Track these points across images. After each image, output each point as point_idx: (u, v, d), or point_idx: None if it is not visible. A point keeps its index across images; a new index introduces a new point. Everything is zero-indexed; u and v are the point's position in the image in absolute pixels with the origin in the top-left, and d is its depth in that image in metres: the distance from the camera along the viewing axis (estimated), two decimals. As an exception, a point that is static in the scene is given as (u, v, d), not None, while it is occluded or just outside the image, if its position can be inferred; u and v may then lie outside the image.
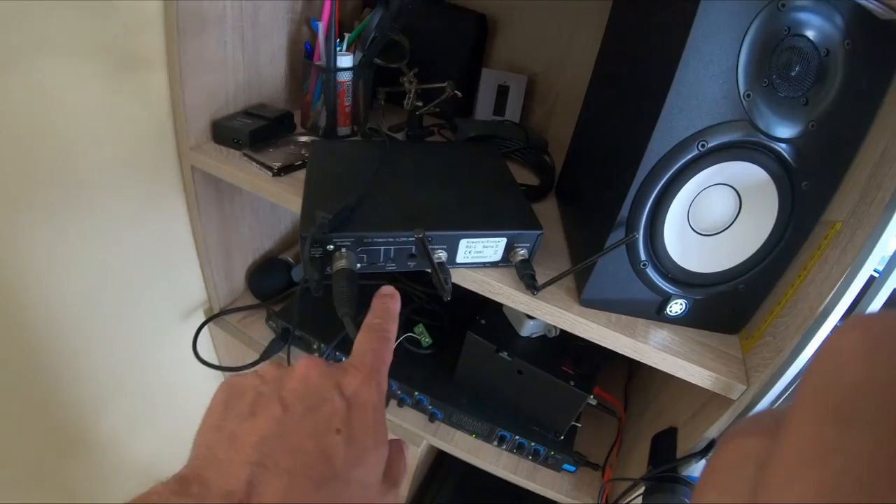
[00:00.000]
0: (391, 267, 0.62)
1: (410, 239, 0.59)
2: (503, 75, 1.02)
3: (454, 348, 0.90)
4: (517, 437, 0.87)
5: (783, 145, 0.52)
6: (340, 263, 0.57)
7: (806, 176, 0.53)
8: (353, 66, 0.84)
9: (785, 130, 0.51)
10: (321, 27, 0.80)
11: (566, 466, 0.87)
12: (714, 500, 0.17)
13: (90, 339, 0.80)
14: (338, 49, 0.82)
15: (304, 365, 0.34)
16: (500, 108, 1.03)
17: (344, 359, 0.90)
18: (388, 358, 0.38)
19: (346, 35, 0.84)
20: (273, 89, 0.91)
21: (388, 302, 0.43)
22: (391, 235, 0.59)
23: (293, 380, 0.33)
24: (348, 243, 0.58)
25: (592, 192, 0.69)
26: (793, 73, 0.49)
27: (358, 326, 0.43)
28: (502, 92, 1.02)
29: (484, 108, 1.03)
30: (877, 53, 0.49)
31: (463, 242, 0.61)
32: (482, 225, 0.61)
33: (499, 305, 0.88)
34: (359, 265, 0.60)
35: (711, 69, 0.48)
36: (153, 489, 0.27)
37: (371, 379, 0.35)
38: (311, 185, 0.65)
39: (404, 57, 0.91)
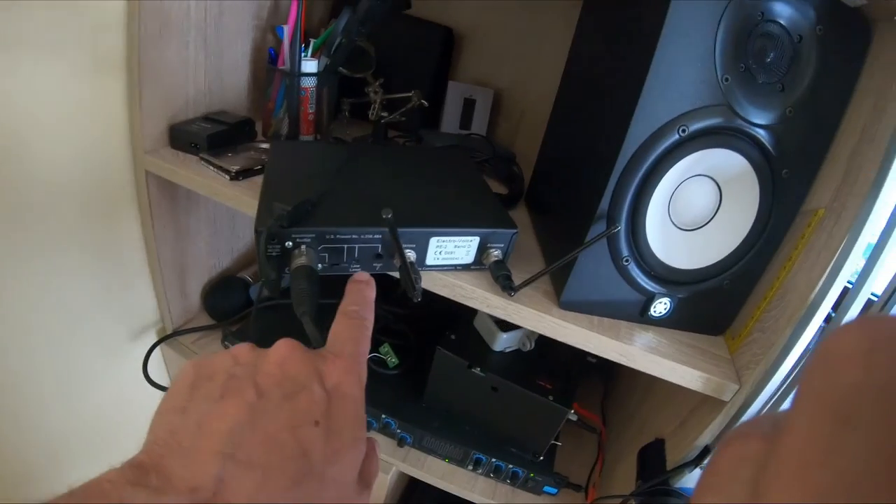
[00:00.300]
0: (355, 269, 0.57)
1: (377, 237, 0.55)
2: (470, 88, 1.01)
3: (422, 368, 0.86)
4: (493, 460, 0.82)
5: (762, 132, 0.51)
6: (299, 261, 0.51)
7: (786, 163, 0.53)
8: (318, 71, 0.81)
9: (763, 116, 0.51)
10: (286, 30, 0.77)
11: (547, 489, 0.82)
12: (712, 502, 0.17)
13: (29, 360, 0.73)
14: (303, 55, 0.79)
15: (282, 348, 0.31)
16: (466, 121, 1.02)
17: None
18: (367, 348, 0.35)
19: (312, 41, 0.81)
20: (235, 97, 0.88)
21: (363, 289, 0.40)
22: (356, 232, 0.54)
23: (270, 363, 0.30)
24: (309, 239, 0.53)
25: (568, 194, 0.66)
26: (768, 60, 0.49)
27: (318, 327, 0.40)
28: (469, 105, 1.01)
29: (450, 121, 1.01)
30: (848, 38, 0.50)
31: (433, 241, 0.57)
32: (454, 223, 0.58)
33: (469, 320, 0.84)
34: (320, 266, 0.54)
35: (689, 51, 0.48)
36: (105, 475, 0.23)
37: (353, 369, 0.32)
38: (269, 182, 0.60)
39: (370, 66, 0.89)
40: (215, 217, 0.94)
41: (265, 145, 0.81)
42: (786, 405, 0.55)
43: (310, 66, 0.80)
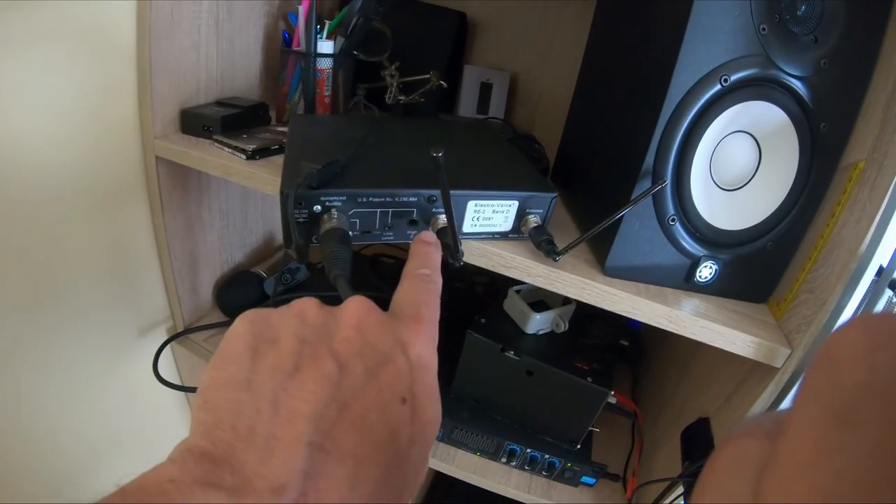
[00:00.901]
0: (388, 237, 0.54)
1: (412, 199, 0.52)
2: (486, 72, 0.99)
3: (449, 357, 0.82)
4: (529, 451, 0.78)
5: (798, 83, 0.51)
6: (330, 224, 0.48)
7: (823, 116, 0.52)
8: (334, 52, 0.79)
9: (799, 68, 0.50)
10: (301, 10, 0.75)
11: (585, 479, 0.78)
12: (713, 501, 0.17)
13: (32, 356, 0.69)
14: (318, 36, 0.77)
15: (357, 307, 0.26)
16: (483, 105, 0.99)
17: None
18: (438, 315, 0.31)
19: (328, 23, 0.79)
20: (247, 84, 0.86)
21: (431, 251, 0.36)
22: (391, 194, 0.51)
23: (346, 327, 0.25)
24: (339, 203, 0.49)
25: (604, 161, 0.64)
26: (799, 13, 0.49)
27: (354, 289, 0.35)
28: (485, 89, 0.99)
29: (467, 106, 0.99)
30: None
31: (471, 206, 0.54)
32: (492, 186, 0.55)
33: (499, 302, 0.81)
34: (351, 233, 0.50)
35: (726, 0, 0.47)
36: (163, 471, 0.19)
37: (433, 337, 0.28)
38: (293, 148, 0.57)
39: (386, 49, 0.87)
40: (228, 209, 0.91)
41: (281, 128, 0.78)
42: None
43: (326, 46, 0.78)
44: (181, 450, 0.20)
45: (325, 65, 0.78)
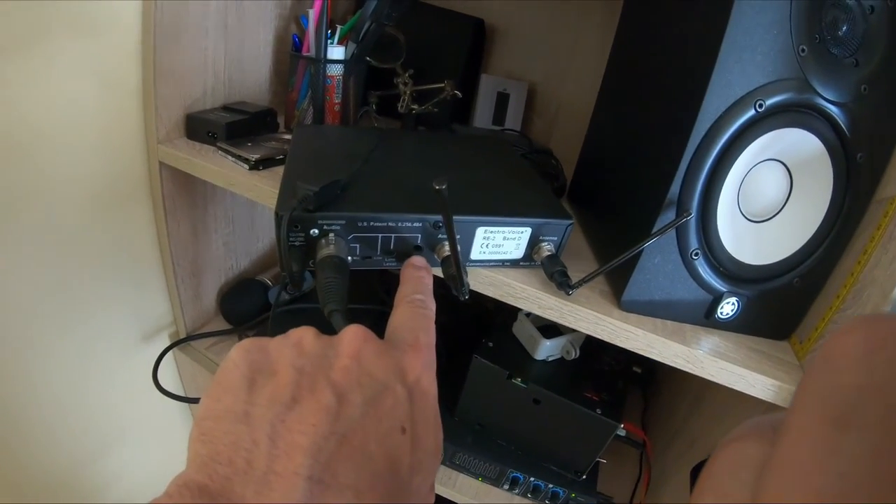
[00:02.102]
0: (390, 263, 0.51)
1: (416, 225, 0.49)
2: (503, 82, 0.96)
3: (454, 379, 0.79)
4: (532, 479, 0.75)
5: (836, 110, 0.47)
6: (327, 251, 0.45)
7: (860, 146, 0.48)
8: (345, 59, 0.76)
9: (838, 93, 0.46)
10: (312, 14, 0.73)
11: (589, 510, 0.75)
12: (712, 503, 0.17)
13: (33, 360, 0.67)
14: (329, 41, 0.74)
15: (354, 336, 0.26)
16: (499, 116, 0.96)
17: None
18: (434, 340, 0.31)
19: (339, 27, 0.76)
20: (256, 88, 0.83)
21: (423, 276, 0.37)
22: (394, 219, 0.48)
23: (343, 356, 0.25)
24: (338, 227, 0.46)
25: (626, 184, 0.61)
26: (840, 33, 0.45)
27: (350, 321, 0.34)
28: (502, 99, 0.96)
29: (483, 116, 0.96)
30: None
31: (480, 232, 0.51)
32: (503, 211, 0.52)
33: (508, 326, 0.78)
34: (350, 259, 0.48)
35: (766, 16, 0.43)
36: None
37: (432, 363, 0.28)
38: (292, 163, 0.54)
39: (400, 56, 0.84)
40: (234, 216, 0.89)
41: (288, 136, 0.76)
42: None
43: (336, 52, 0.75)
44: (178, 484, 0.20)
45: (335, 71, 0.76)
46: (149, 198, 0.74)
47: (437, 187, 0.37)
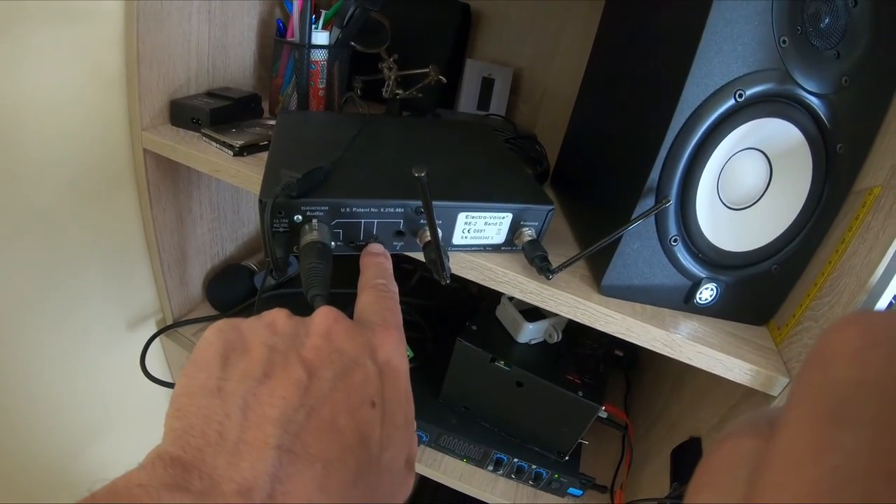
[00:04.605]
0: None
1: (399, 211, 0.49)
2: (488, 67, 0.96)
3: (439, 362, 0.81)
4: (515, 460, 0.76)
5: (817, 101, 0.47)
6: (310, 236, 0.45)
7: (841, 137, 0.49)
8: (330, 44, 0.76)
9: (819, 85, 0.47)
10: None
11: (572, 490, 0.77)
12: (708, 500, 0.17)
13: (19, 350, 0.67)
14: (313, 26, 0.74)
15: (325, 317, 0.27)
16: (484, 101, 0.96)
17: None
18: (402, 320, 0.32)
19: (324, 12, 0.76)
20: (240, 74, 0.83)
21: (382, 262, 0.38)
22: (376, 204, 0.48)
23: (315, 335, 0.26)
24: (321, 213, 0.47)
25: (607, 170, 0.61)
26: (822, 25, 0.45)
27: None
28: (487, 85, 0.96)
29: (468, 102, 0.96)
30: None
31: (462, 217, 0.52)
32: (484, 197, 0.52)
33: (491, 310, 0.79)
34: (333, 244, 0.48)
35: (747, 8, 0.44)
36: (133, 476, 0.19)
37: (401, 342, 0.29)
38: (276, 150, 0.54)
39: (384, 41, 0.84)
40: (219, 202, 0.89)
41: (272, 122, 0.75)
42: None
43: (321, 37, 0.75)
44: (152, 456, 0.20)
45: (319, 56, 0.75)
46: (133, 185, 0.74)
47: (417, 174, 0.38)
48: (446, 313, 0.91)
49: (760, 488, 0.14)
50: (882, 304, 0.47)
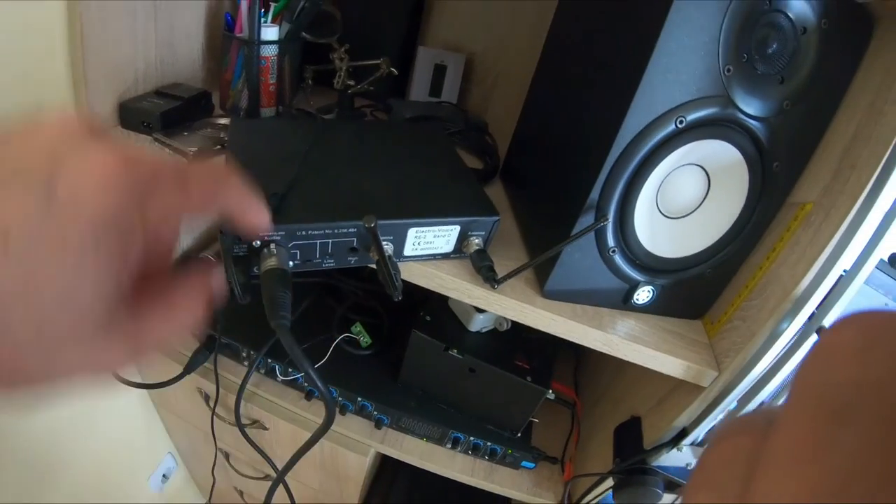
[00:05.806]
0: (329, 263, 0.54)
1: (351, 230, 0.52)
2: (440, 54, 0.96)
3: (396, 347, 0.84)
4: (472, 438, 0.82)
5: (757, 124, 0.50)
6: (270, 263, 0.47)
7: (777, 156, 0.52)
8: (280, 39, 0.75)
9: (761, 108, 0.49)
10: (243, -6, 0.71)
11: (525, 464, 0.83)
12: (705, 499, 0.17)
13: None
14: (262, 20, 0.73)
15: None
16: (436, 88, 0.97)
17: (278, 368, 0.82)
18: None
19: (273, 5, 0.75)
20: (189, 68, 0.81)
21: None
22: (330, 227, 0.51)
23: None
24: (278, 238, 0.49)
25: (552, 177, 0.64)
26: (770, 51, 0.47)
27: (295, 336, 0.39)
28: (439, 72, 0.96)
29: (420, 89, 0.96)
30: (850, 34, 0.48)
31: (411, 232, 0.54)
32: (433, 212, 0.55)
33: (444, 299, 0.82)
34: (291, 263, 0.51)
35: (694, 39, 0.44)
36: None
37: (139, 183, 0.23)
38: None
39: (335, 31, 0.83)
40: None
41: (223, 120, 0.75)
42: (766, 392, 0.55)
43: (270, 32, 0.74)
44: None
45: (269, 52, 0.75)
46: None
47: (367, 225, 0.41)
48: (403, 298, 0.93)
49: (759, 487, 0.14)
50: (804, 314, 0.50)
